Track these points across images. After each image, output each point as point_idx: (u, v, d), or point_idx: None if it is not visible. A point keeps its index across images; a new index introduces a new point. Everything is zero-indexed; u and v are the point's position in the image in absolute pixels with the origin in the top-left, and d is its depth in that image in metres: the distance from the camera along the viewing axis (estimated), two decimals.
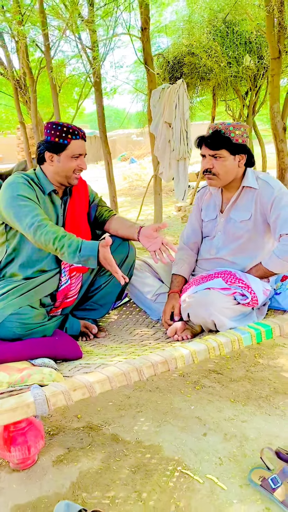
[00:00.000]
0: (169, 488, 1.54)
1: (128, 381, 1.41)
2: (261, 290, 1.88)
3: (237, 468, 1.63)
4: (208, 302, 1.77)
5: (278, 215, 1.93)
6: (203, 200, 2.24)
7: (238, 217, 2.04)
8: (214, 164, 1.97)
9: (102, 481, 1.59)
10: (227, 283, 1.84)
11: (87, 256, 1.67)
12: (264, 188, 1.99)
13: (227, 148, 1.94)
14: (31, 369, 1.47)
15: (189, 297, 1.84)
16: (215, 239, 2.13)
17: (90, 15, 4.67)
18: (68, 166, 1.89)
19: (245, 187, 2.03)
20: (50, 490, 1.56)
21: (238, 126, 1.95)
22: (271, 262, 1.94)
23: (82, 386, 1.35)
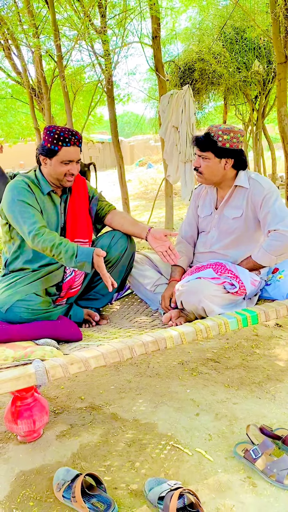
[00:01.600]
0: (160, 459, 1.68)
1: (121, 357, 1.56)
2: (249, 280, 2.01)
3: (225, 443, 1.76)
4: (198, 290, 1.90)
5: (267, 212, 2.05)
6: (199, 197, 2.37)
7: (230, 214, 2.17)
8: (201, 163, 2.11)
9: (100, 452, 1.74)
10: (217, 273, 1.98)
11: (83, 261, 1.85)
12: (255, 187, 2.11)
13: (213, 151, 2.05)
14: (34, 347, 1.64)
15: (182, 286, 1.98)
16: (210, 234, 2.27)
17: (102, 25, 4.87)
18: (59, 171, 2.02)
19: (237, 186, 2.15)
20: (52, 459, 1.72)
21: (227, 131, 2.03)
22: (260, 255, 2.07)
23: (78, 361, 1.50)
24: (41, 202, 2.06)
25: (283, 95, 4.99)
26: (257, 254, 2.10)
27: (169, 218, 5.99)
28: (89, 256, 1.85)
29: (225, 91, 7.36)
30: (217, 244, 2.23)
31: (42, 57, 5.83)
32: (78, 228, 2.18)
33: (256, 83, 6.59)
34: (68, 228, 2.17)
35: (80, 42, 4.99)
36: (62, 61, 4.69)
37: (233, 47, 6.02)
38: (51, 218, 2.11)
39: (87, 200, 2.24)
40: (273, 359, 2.44)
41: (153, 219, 7.19)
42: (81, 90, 6.99)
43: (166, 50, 7.38)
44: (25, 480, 1.62)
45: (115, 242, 2.21)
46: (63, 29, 5.46)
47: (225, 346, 2.61)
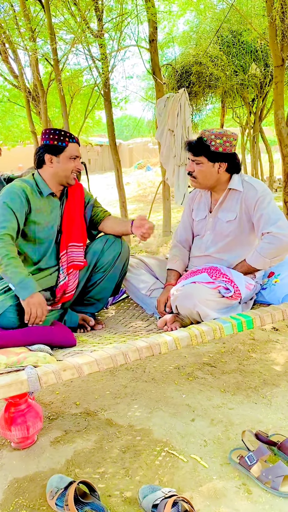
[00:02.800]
0: (154, 466, 1.67)
1: (115, 363, 1.55)
2: (243, 284, 2.00)
3: (220, 449, 1.74)
4: (193, 295, 1.89)
5: (261, 215, 2.05)
6: (194, 201, 2.37)
7: (224, 217, 2.17)
8: (194, 168, 2.11)
9: (94, 459, 1.73)
10: (211, 278, 1.97)
11: (19, 291, 1.84)
12: (249, 190, 2.10)
13: (206, 155, 2.05)
14: (28, 353, 1.62)
15: (177, 290, 1.97)
16: (205, 238, 2.26)
17: (99, 29, 4.88)
18: (67, 167, 2.07)
19: (231, 190, 2.15)
20: (46, 466, 1.70)
21: (220, 135, 2.03)
22: (254, 258, 2.07)
23: (71, 367, 1.49)
24: (37, 208, 2.05)
25: (280, 98, 5.00)
26: (251, 257, 2.09)
27: (167, 221, 5.98)
28: (25, 294, 1.83)
29: (223, 94, 7.37)
30: (212, 247, 2.22)
31: (39, 61, 5.84)
32: (73, 232, 2.18)
33: (253, 86, 6.60)
34: (64, 231, 2.17)
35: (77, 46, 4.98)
36: (58, 65, 4.69)
37: (230, 50, 6.02)
38: (48, 221, 2.11)
39: (83, 205, 2.23)
40: (269, 363, 2.43)
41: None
42: (79, 93, 6.99)
43: (163, 54, 7.39)
44: (18, 487, 1.60)
45: (108, 247, 2.21)
46: (60, 33, 5.46)
47: (221, 350, 2.60)
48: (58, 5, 5.13)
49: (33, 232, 2.06)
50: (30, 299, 1.82)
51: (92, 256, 2.23)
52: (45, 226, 2.09)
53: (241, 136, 8.94)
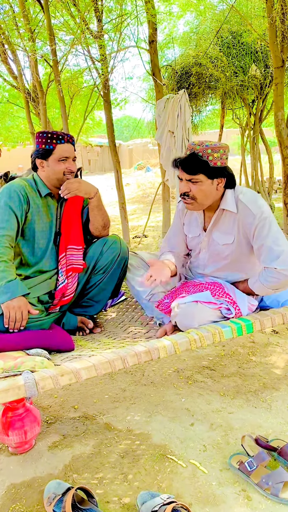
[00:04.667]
0: (153, 471, 1.65)
1: (113, 368, 1.53)
2: (246, 305, 1.94)
3: (220, 455, 1.73)
4: (194, 315, 1.86)
5: (261, 245, 1.89)
6: (184, 214, 2.20)
7: (221, 240, 2.01)
8: (191, 188, 1.89)
9: (92, 464, 1.71)
10: (214, 296, 1.92)
11: (6, 293, 1.81)
12: (245, 213, 1.90)
13: (204, 173, 1.85)
14: (25, 357, 1.61)
15: (178, 306, 1.92)
16: (201, 255, 2.15)
17: (98, 29, 4.86)
18: (57, 169, 2.04)
19: (224, 210, 1.97)
20: (44, 472, 1.68)
21: (216, 149, 1.84)
22: (256, 286, 1.98)
23: (69, 372, 1.47)
24: (36, 207, 2.04)
25: (280, 99, 4.99)
26: (254, 284, 1.98)
27: (166, 222, 5.96)
28: (3, 298, 1.81)
29: (222, 95, 7.36)
30: (209, 267, 2.14)
31: (38, 62, 5.83)
32: (72, 234, 2.16)
33: (253, 87, 6.59)
34: (63, 233, 2.16)
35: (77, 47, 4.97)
36: (57, 66, 4.68)
37: (230, 51, 6.01)
38: (46, 223, 2.10)
39: (81, 207, 2.22)
40: (269, 366, 2.41)
41: (151, 223, 7.17)
42: (78, 94, 6.98)
43: (163, 55, 7.38)
44: (15, 493, 1.58)
45: (107, 248, 2.20)
46: (60, 34, 5.45)
47: (221, 353, 2.59)
48: (57, 6, 5.12)
49: (32, 231, 2.05)
50: (10, 303, 1.80)
51: (91, 258, 2.21)
52: (43, 226, 2.08)
53: (241, 137, 8.93)
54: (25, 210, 1.98)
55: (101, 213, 2.17)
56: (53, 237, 2.13)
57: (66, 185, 2.03)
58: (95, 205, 2.14)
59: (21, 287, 1.84)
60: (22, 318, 1.80)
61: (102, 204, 2.17)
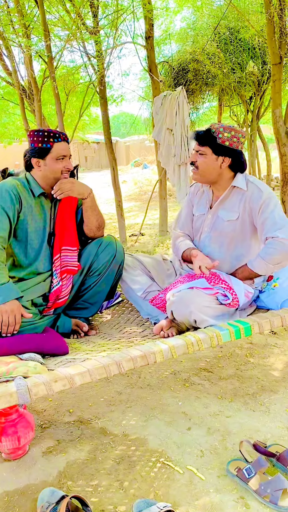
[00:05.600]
0: (150, 478, 1.62)
1: (108, 373, 1.49)
2: (243, 292, 1.94)
3: (217, 460, 1.69)
4: (190, 301, 1.84)
5: (266, 218, 1.98)
6: (195, 195, 2.31)
7: (225, 216, 2.10)
8: (198, 158, 2.06)
9: (87, 470, 1.67)
10: (210, 283, 1.91)
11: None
12: (254, 191, 2.03)
13: (211, 147, 2.01)
14: (17, 362, 1.57)
15: (173, 295, 1.91)
16: (202, 236, 2.20)
17: (94, 25, 4.80)
18: (55, 168, 2.00)
19: (234, 188, 2.09)
20: (37, 478, 1.64)
21: (229, 129, 2.00)
22: (256, 263, 2.00)
23: (62, 378, 1.43)
24: (28, 207, 2.00)
25: (278, 96, 4.93)
26: (253, 262, 2.03)
27: (163, 221, 5.93)
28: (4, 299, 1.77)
29: (220, 92, 7.31)
30: (209, 246, 2.16)
31: (33, 58, 5.75)
32: (66, 235, 2.12)
33: (251, 84, 6.53)
34: (57, 234, 2.11)
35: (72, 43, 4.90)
36: (52, 62, 4.61)
37: (227, 48, 5.95)
38: (39, 223, 2.05)
39: (75, 207, 2.17)
40: (267, 368, 2.38)
41: (148, 221, 7.11)
42: (74, 90, 6.91)
43: (160, 51, 7.32)
44: (8, 501, 1.54)
45: (102, 249, 2.15)
46: (55, 29, 5.37)
47: (218, 355, 2.55)
48: (52, 1, 5.04)
49: (24, 232, 2.00)
50: (2, 306, 1.75)
51: (86, 259, 2.17)
52: (36, 227, 2.03)
53: None
54: (17, 210, 1.93)
55: (95, 213, 2.12)
56: (47, 238, 2.08)
57: (59, 185, 1.98)
58: (89, 206, 2.09)
59: (14, 290, 1.79)
60: (15, 322, 1.75)
61: (96, 204, 2.13)
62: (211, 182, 2.13)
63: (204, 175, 2.08)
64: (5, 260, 1.90)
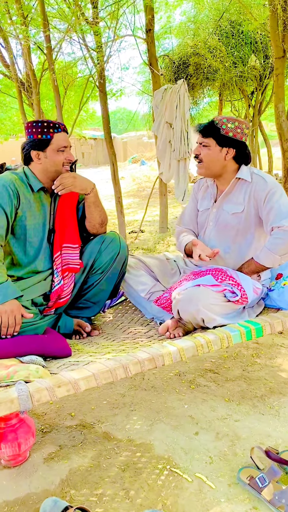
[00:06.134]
0: (157, 486, 1.54)
1: (114, 378, 1.42)
2: (251, 288, 1.87)
3: (227, 467, 1.62)
4: (197, 299, 1.76)
5: (271, 208, 1.94)
6: (200, 190, 2.26)
7: (230, 209, 2.06)
8: (201, 151, 2.02)
9: (91, 478, 1.59)
10: (217, 280, 1.84)
11: None
12: (258, 182, 2.00)
13: (214, 138, 1.98)
14: (18, 365, 1.48)
15: (179, 294, 1.83)
16: (207, 230, 2.15)
17: (94, 16, 4.69)
18: (56, 160, 1.91)
19: (239, 180, 2.05)
20: (39, 487, 1.57)
21: (232, 120, 1.98)
22: (263, 255, 1.95)
23: (66, 383, 1.35)
24: (26, 202, 1.90)
25: (281, 91, 4.85)
26: (260, 254, 1.97)
27: (164, 217, 5.84)
28: (3, 298, 1.69)
29: (221, 87, 7.21)
30: (214, 242, 2.10)
31: (32, 50, 5.63)
32: (67, 231, 2.03)
33: (253, 79, 6.44)
34: (57, 231, 2.02)
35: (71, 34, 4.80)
36: (51, 53, 4.50)
37: (229, 41, 5.86)
38: (38, 219, 1.96)
39: (76, 202, 2.08)
40: (275, 369, 2.30)
41: (147, 217, 7.02)
42: (73, 84, 6.79)
43: (160, 44, 7.20)
44: (8, 511, 1.46)
45: (105, 247, 2.06)
46: (54, 21, 5.25)
47: (224, 355, 2.47)
48: None
49: (23, 228, 1.91)
50: (1, 307, 1.66)
51: (88, 256, 2.08)
52: (35, 223, 1.94)
53: None
54: (15, 206, 1.84)
55: (98, 209, 2.04)
56: (47, 235, 2.00)
57: (60, 180, 1.89)
58: (92, 202, 2.01)
59: (13, 290, 1.71)
60: (15, 323, 1.67)
61: (99, 200, 2.04)
62: (216, 175, 2.09)
63: (209, 167, 2.04)
64: (3, 259, 1.81)
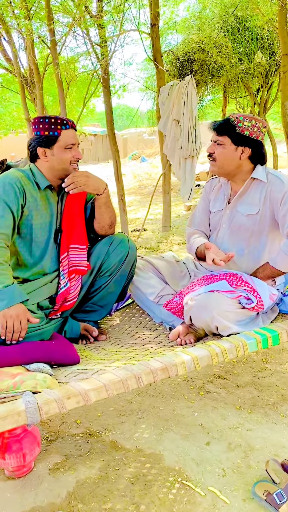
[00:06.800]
0: (168, 501, 1.47)
1: (126, 388, 1.35)
2: (267, 294, 1.80)
3: (241, 481, 1.55)
4: (211, 305, 1.69)
5: (287, 210, 1.85)
6: (212, 191, 2.18)
7: (245, 210, 1.98)
8: (215, 149, 1.95)
9: (99, 491, 1.53)
10: (232, 286, 1.76)
11: (2, 300, 1.61)
12: (275, 183, 1.92)
13: (230, 136, 1.90)
14: (25, 374, 1.41)
15: (191, 299, 1.76)
16: (220, 232, 2.07)
17: (98, 10, 4.60)
18: (64, 158, 1.84)
19: (254, 180, 1.97)
20: (45, 500, 1.50)
21: (249, 118, 1.89)
22: (279, 259, 1.87)
23: (76, 394, 1.28)
24: (33, 201, 1.83)
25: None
26: (276, 258, 1.89)
27: (167, 216, 5.76)
28: (11, 302, 1.61)
29: (226, 84, 7.11)
30: (227, 244, 2.02)
31: (35, 45, 5.52)
32: (75, 232, 1.96)
33: (258, 76, 6.35)
34: (64, 231, 1.95)
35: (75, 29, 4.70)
36: (56, 47, 4.41)
37: (235, 37, 5.76)
38: (45, 218, 1.88)
39: (84, 201, 2.01)
40: (286, 375, 2.24)
41: (150, 215, 6.94)
42: (75, 80, 6.69)
43: (165, 40, 7.10)
44: None
45: (114, 248, 1.99)
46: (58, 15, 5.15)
47: (233, 360, 2.40)
48: None
49: (29, 228, 1.84)
50: (7, 311, 1.58)
51: (96, 258, 2.01)
52: (41, 222, 1.87)
53: None
54: (21, 204, 1.76)
55: (109, 210, 1.96)
56: (53, 235, 1.92)
57: (73, 178, 1.81)
58: (103, 202, 1.93)
59: (19, 293, 1.63)
60: (20, 328, 1.59)
61: (110, 201, 1.97)
62: (230, 174, 2.01)
63: (223, 166, 1.96)
64: (9, 259, 1.73)
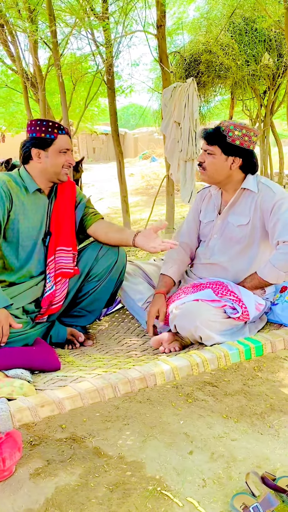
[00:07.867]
0: (146, 510, 1.46)
1: (102, 398, 1.34)
2: (253, 304, 1.77)
3: (221, 492, 1.54)
4: (195, 314, 1.67)
5: (277, 220, 1.82)
6: (203, 201, 2.15)
7: (235, 221, 1.94)
8: (205, 159, 1.91)
9: (77, 498, 1.52)
10: (217, 295, 1.74)
11: None
12: (265, 192, 1.88)
13: (220, 146, 1.86)
14: (3, 381, 1.41)
15: (176, 308, 1.75)
16: (211, 242, 2.04)
17: (103, 10, 4.59)
18: (57, 162, 1.85)
19: (245, 190, 1.93)
20: (22, 506, 1.50)
21: (240, 127, 1.84)
22: (266, 270, 1.83)
23: (50, 402, 1.28)
24: (20, 205, 1.83)
25: None
26: (263, 269, 1.86)
27: (170, 218, 5.75)
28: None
29: (233, 85, 7.07)
30: (217, 254, 2.00)
31: (41, 45, 5.53)
32: (62, 234, 1.95)
33: (265, 77, 6.29)
34: (53, 233, 1.95)
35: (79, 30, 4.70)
36: (57, 49, 4.41)
37: (242, 39, 5.71)
38: (33, 222, 1.88)
39: (73, 204, 2.00)
40: (277, 385, 2.21)
41: (153, 216, 6.93)
42: (82, 80, 6.69)
43: (172, 41, 7.07)
44: None
45: (103, 254, 1.98)
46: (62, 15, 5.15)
47: (224, 368, 2.38)
48: None
49: (15, 232, 1.84)
50: None
51: (84, 263, 2.00)
52: (29, 226, 1.87)
53: None
54: (7, 208, 1.77)
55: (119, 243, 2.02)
56: (42, 237, 1.92)
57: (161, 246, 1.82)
58: None
59: (2, 298, 1.63)
60: (2, 334, 1.59)
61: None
62: (220, 183, 1.98)
63: (213, 176, 1.93)
64: None
